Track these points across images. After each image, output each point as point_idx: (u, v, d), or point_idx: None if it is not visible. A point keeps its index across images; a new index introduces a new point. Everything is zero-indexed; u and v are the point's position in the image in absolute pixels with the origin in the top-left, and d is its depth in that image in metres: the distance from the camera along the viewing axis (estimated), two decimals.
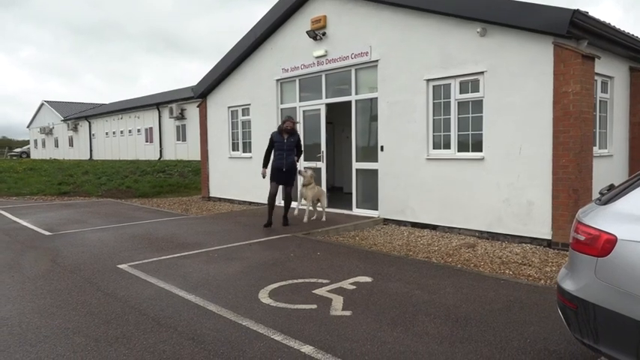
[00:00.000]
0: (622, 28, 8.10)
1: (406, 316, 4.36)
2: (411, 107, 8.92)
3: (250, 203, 12.56)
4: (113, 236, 8.37)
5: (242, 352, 3.61)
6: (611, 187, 3.20)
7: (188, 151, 25.53)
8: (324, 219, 9.33)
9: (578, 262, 2.86)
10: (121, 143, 32.60)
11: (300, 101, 11.32)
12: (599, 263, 2.69)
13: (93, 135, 36.47)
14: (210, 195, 14.15)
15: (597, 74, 7.64)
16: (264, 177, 9.11)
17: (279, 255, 6.76)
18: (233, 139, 13.42)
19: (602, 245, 2.68)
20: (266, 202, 9.20)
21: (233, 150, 13.42)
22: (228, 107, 13.36)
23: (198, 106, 14.69)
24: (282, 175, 8.88)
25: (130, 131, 31.62)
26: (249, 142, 12.78)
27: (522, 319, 4.23)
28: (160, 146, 28.34)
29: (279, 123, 9.07)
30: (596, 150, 7.97)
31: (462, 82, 8.21)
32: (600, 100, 8.35)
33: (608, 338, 2.65)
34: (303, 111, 11.27)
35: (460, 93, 8.25)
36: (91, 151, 36.58)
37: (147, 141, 29.78)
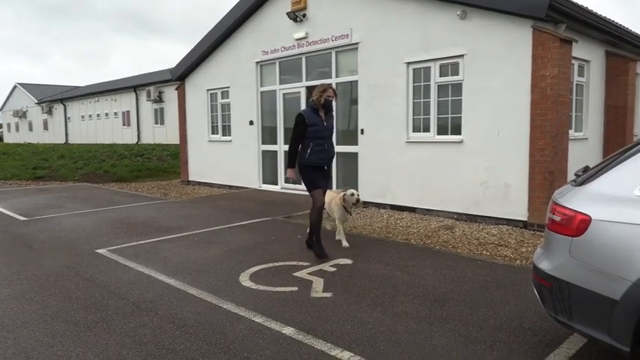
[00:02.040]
0: (599, 12, 8.19)
1: (386, 296, 4.41)
2: (391, 90, 8.91)
3: (230, 187, 12.49)
4: (91, 221, 8.25)
5: (223, 334, 3.62)
6: (586, 168, 3.27)
7: (167, 134, 25.17)
8: (345, 244, 6.31)
9: (553, 242, 2.93)
10: (98, 127, 31.97)
11: (280, 84, 11.23)
12: (574, 243, 2.75)
13: (68, 118, 35.66)
14: (190, 179, 14.02)
15: (574, 58, 7.73)
16: (291, 181, 6.40)
17: (259, 238, 6.75)
18: (212, 123, 13.27)
19: (577, 225, 2.74)
20: (246, 185, 8.85)
21: (212, 133, 13.28)
22: (207, 90, 13.17)
23: (176, 89, 14.46)
24: (324, 177, 5.93)
25: (106, 114, 31.00)
26: (229, 126, 12.66)
27: (499, 298, 4.32)
28: (138, 130, 27.88)
29: (313, 96, 5.78)
30: (572, 133, 8.10)
31: (441, 65, 8.23)
32: (577, 84, 8.47)
33: (581, 315, 2.73)
34: (284, 94, 11.18)
35: (440, 76, 8.27)
36: (66, 134, 35.80)
37: (124, 124, 29.25)
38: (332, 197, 6.33)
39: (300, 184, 6.08)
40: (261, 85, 11.71)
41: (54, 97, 38.04)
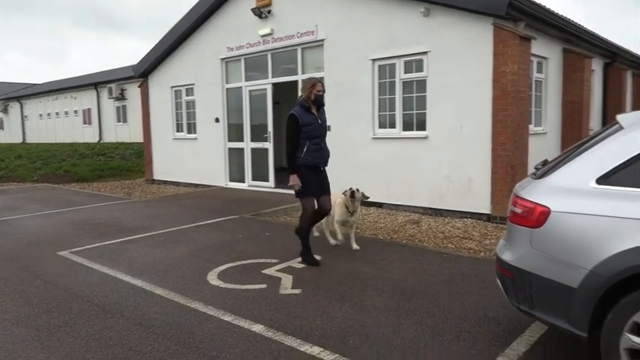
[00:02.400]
0: (558, 11, 8.45)
1: (354, 291, 4.45)
2: (357, 87, 8.98)
3: (196, 185, 12.32)
4: (52, 222, 8.00)
5: (191, 334, 3.58)
6: (545, 162, 3.38)
7: (130, 132, 24.59)
8: (356, 247, 5.94)
9: (515, 233, 3.02)
10: (57, 125, 30.93)
11: (246, 81, 11.14)
12: (534, 234, 2.85)
13: (25, 117, 34.37)
14: (154, 178, 13.76)
15: (533, 55, 7.97)
16: (296, 192, 5.38)
17: (227, 236, 6.70)
18: (177, 120, 13.06)
19: (537, 217, 2.83)
20: (213, 183, 8.72)
21: (177, 131, 13.06)
22: (172, 87, 12.95)
23: (139, 86, 14.15)
24: (320, 179, 5.40)
25: (66, 113, 30.02)
26: (194, 123, 12.48)
27: (464, 290, 4.42)
28: (100, 128, 27.12)
29: (301, 92, 5.36)
30: (531, 128, 8.34)
31: (406, 62, 8.34)
32: (536, 80, 8.73)
33: (542, 303, 2.83)
34: (249, 91, 11.10)
35: (405, 73, 8.38)
36: (23, 134, 34.51)
37: (85, 123, 28.40)
38: (337, 197, 5.87)
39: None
40: (227, 82, 11.59)
41: (10, 95, 36.57)
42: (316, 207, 5.39)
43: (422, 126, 8.25)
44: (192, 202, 9.79)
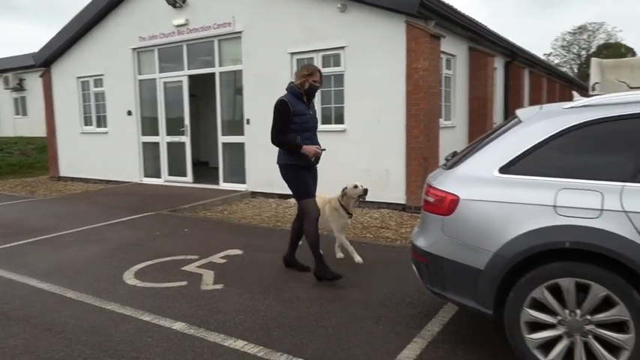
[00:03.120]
0: (465, 11, 8.97)
1: (277, 284, 4.49)
2: (276, 80, 8.94)
3: (108, 182, 11.70)
4: None
5: (108, 336, 3.43)
6: (454, 153, 3.60)
7: (31, 126, 22.72)
8: (358, 259, 5.01)
9: (428, 221, 3.19)
10: None
11: (160, 72, 10.73)
12: (446, 221, 3.03)
13: None
14: (61, 175, 12.87)
15: (443, 52, 8.40)
16: (319, 153, 4.80)
17: (143, 234, 6.45)
18: (85, 113, 12.30)
19: (448, 205, 3.02)
20: (127, 179, 8.36)
21: (86, 125, 12.31)
22: (78, 77, 12.16)
23: (41, 76, 13.14)
24: (313, 177, 4.91)
25: None
26: (104, 116, 11.82)
27: (383, 277, 4.61)
28: None
29: (294, 79, 4.76)
30: (442, 121, 8.81)
31: (324, 56, 8.46)
32: (445, 76, 9.22)
33: (453, 286, 3.02)
34: (164, 83, 10.71)
35: (323, 67, 8.47)
36: None
37: None
38: (324, 203, 5.19)
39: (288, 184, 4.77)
40: (140, 74, 11.08)
41: None
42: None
43: (340, 119, 8.43)
44: (104, 200, 9.30)
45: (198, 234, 6.43)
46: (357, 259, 4.94)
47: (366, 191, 5.03)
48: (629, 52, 42.18)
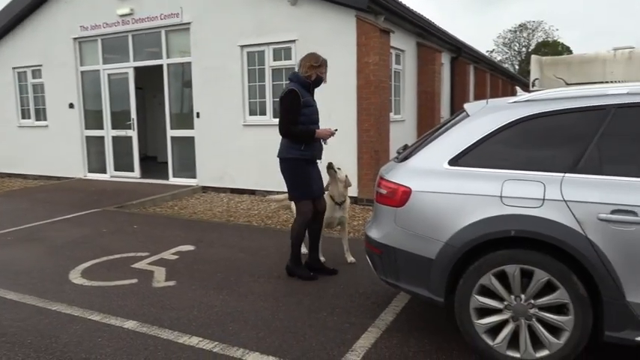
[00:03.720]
0: (412, 6, 9.16)
1: (231, 279, 4.45)
2: (226, 73, 8.84)
3: (49, 177, 11.16)
4: None
5: (55, 338, 3.30)
6: (405, 146, 3.69)
7: None
8: (351, 259, 4.90)
9: (381, 213, 3.26)
10: None
11: (104, 63, 10.32)
12: (398, 212, 3.10)
13: None
14: None
15: (392, 47, 8.55)
16: (329, 136, 4.49)
17: (89, 232, 6.22)
18: (23, 106, 11.67)
19: (400, 197, 3.09)
20: (69, 175, 7.99)
21: (23, 118, 11.69)
22: (14, 68, 11.51)
23: None
24: (317, 174, 4.56)
25: None
26: (44, 109, 11.26)
27: (337, 269, 4.65)
28: None
29: (300, 68, 4.51)
30: (392, 115, 8.97)
31: (275, 50, 8.41)
32: (395, 71, 9.39)
33: (406, 275, 3.11)
34: (108, 74, 10.32)
35: (274, 60, 8.45)
36: None
37: None
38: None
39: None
40: (82, 65, 10.62)
41: None
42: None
43: None
44: (46, 196, 8.88)
45: (147, 230, 6.26)
46: (350, 258, 4.89)
47: (347, 182, 4.87)
48: (566, 50, 44.43)
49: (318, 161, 4.56)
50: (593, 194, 2.60)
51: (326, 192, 4.71)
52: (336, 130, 4.51)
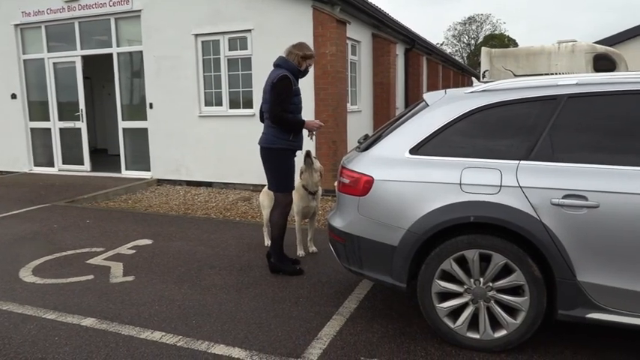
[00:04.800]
0: None
1: (192, 272, 4.39)
2: (180, 63, 8.62)
3: None
4: None
5: (8, 339, 3.15)
6: (366, 136, 3.73)
7: None
8: (313, 249, 4.95)
9: (344, 202, 3.29)
10: None
11: (49, 52, 9.84)
12: (361, 201, 3.15)
13: None
14: None
15: (348, 38, 8.59)
16: (315, 130, 4.36)
17: (39, 227, 5.96)
18: None
19: (363, 186, 3.14)
20: (13, 169, 7.61)
21: None
22: None
23: None
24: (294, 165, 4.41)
25: None
26: None
27: (299, 259, 4.67)
28: None
29: (288, 54, 4.35)
30: (349, 106, 9.03)
31: (230, 39, 8.28)
32: (351, 62, 9.44)
33: (369, 263, 3.16)
34: (54, 63, 9.85)
35: (229, 50, 8.32)
36: None
37: None
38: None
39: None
40: (24, 53, 10.09)
41: None
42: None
43: (249, 104, 8.32)
44: None
45: (101, 225, 6.07)
46: (312, 248, 4.92)
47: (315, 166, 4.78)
48: (512, 42, 46.01)
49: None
50: (546, 180, 2.72)
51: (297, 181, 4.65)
52: (322, 123, 4.45)
